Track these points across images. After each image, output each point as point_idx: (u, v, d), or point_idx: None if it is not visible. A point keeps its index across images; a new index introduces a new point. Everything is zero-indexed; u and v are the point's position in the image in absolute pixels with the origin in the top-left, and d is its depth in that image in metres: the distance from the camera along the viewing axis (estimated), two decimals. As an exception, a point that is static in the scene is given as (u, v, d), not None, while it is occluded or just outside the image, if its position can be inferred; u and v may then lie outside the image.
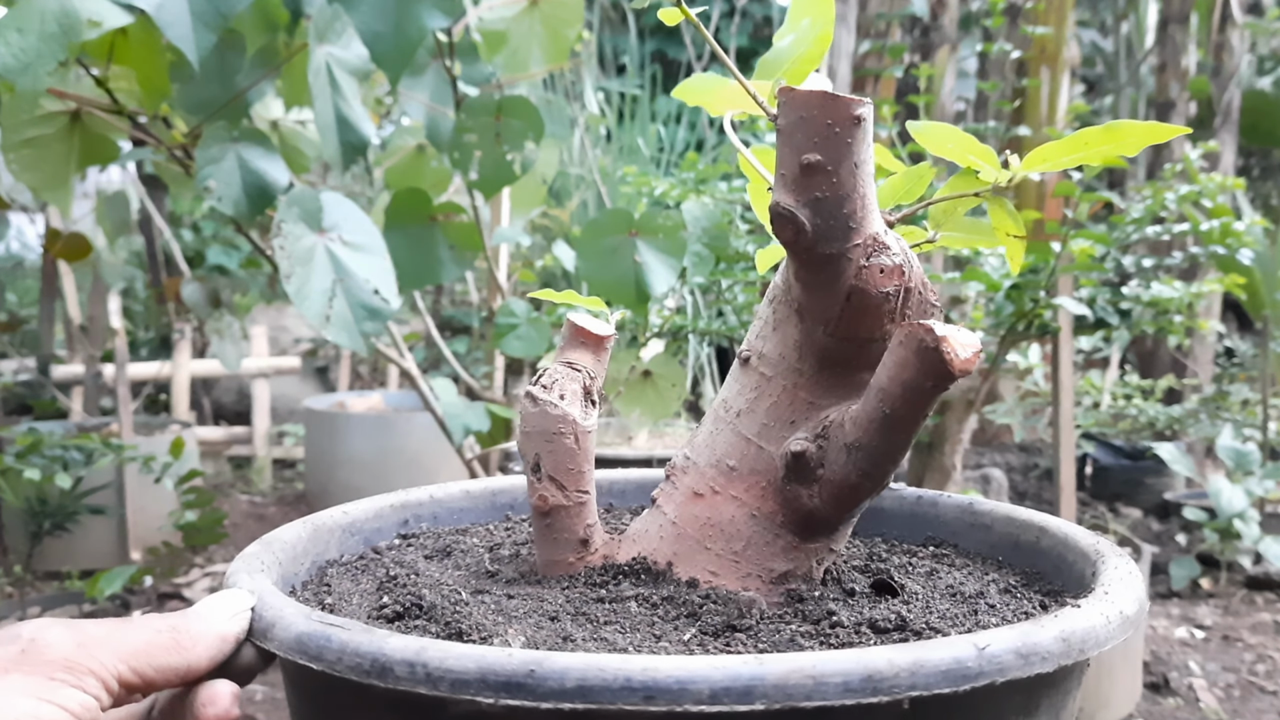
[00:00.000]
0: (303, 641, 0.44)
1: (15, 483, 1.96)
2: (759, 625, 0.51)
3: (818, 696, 0.38)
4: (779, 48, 0.58)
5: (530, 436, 0.59)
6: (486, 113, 1.51)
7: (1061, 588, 0.57)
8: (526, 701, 0.39)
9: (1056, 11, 3.68)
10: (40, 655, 0.43)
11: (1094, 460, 3.44)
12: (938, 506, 0.68)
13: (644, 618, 0.52)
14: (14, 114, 1.32)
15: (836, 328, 0.53)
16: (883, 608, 0.53)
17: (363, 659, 0.42)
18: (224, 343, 2.82)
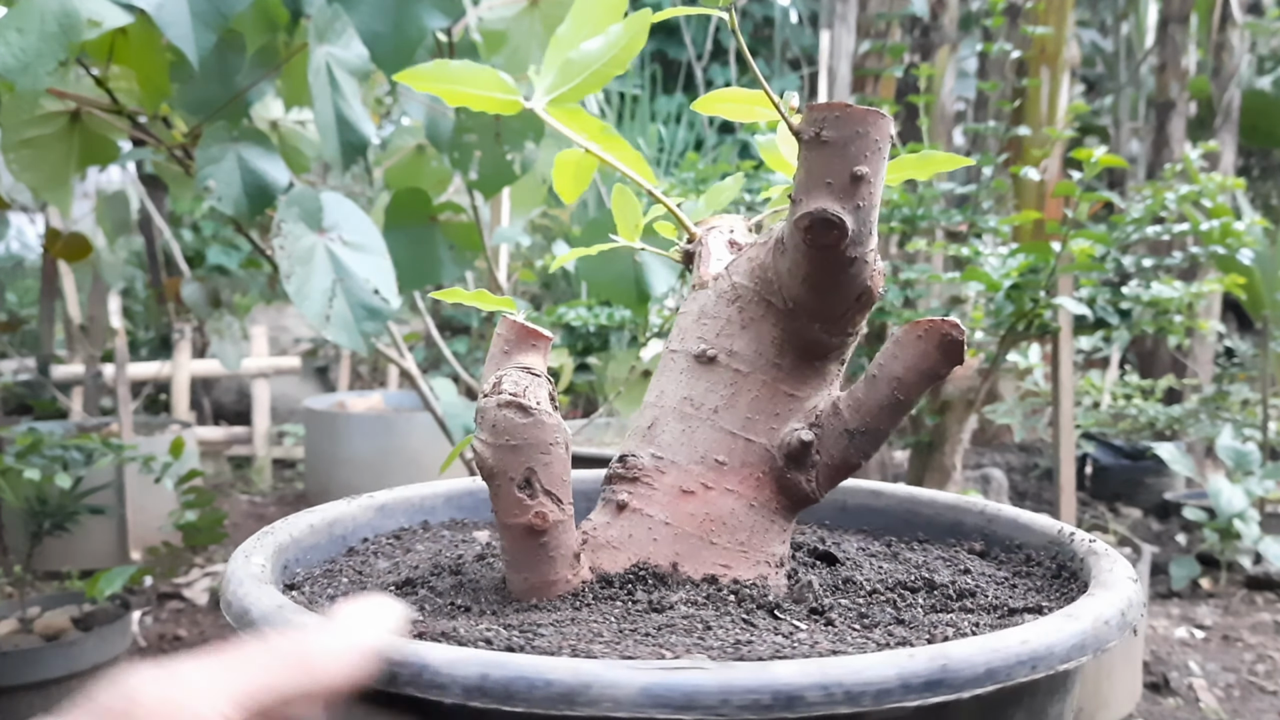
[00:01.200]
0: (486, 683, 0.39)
1: (15, 483, 1.96)
2: (821, 608, 0.56)
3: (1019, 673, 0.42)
4: (588, 50, 0.63)
5: (520, 450, 0.55)
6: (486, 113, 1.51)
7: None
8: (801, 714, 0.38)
9: (1056, 11, 3.68)
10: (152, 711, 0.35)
11: (1094, 460, 3.44)
12: (842, 492, 0.76)
13: (719, 620, 0.51)
14: (14, 114, 1.32)
15: (836, 325, 0.57)
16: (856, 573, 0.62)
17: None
18: (224, 343, 2.82)
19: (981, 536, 0.70)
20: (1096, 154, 1.52)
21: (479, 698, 0.39)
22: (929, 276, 1.78)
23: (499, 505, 0.56)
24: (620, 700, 0.38)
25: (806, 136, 0.54)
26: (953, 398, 1.79)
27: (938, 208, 1.84)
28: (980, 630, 0.51)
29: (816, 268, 0.56)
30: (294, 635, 0.41)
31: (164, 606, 2.51)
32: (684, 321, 0.62)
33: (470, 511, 0.78)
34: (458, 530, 0.74)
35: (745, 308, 0.59)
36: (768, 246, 0.59)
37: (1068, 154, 2.12)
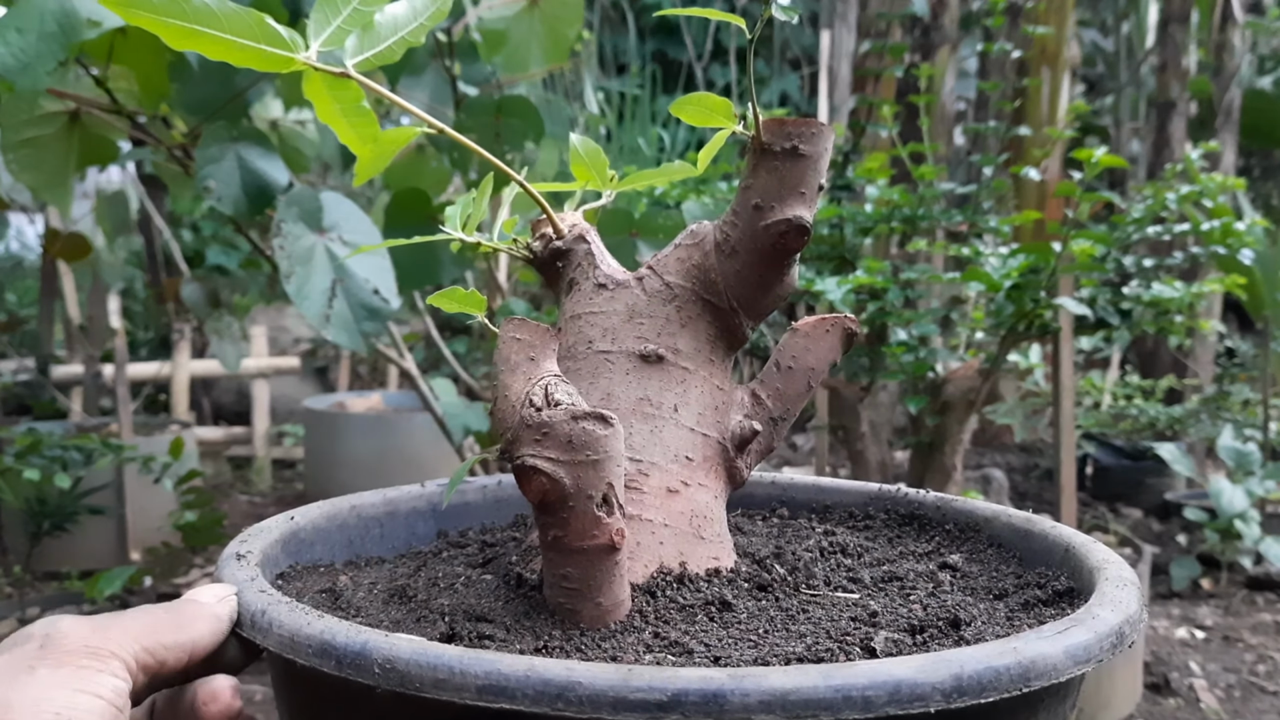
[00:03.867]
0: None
1: (15, 483, 1.95)
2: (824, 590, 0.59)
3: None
4: (395, 14, 0.56)
5: (601, 464, 0.51)
6: (486, 112, 1.51)
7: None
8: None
9: (1057, 11, 3.68)
10: (60, 645, 0.43)
11: (1095, 460, 3.44)
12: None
13: (781, 609, 0.55)
14: (14, 114, 1.32)
15: (760, 320, 0.62)
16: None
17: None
18: (224, 343, 2.82)
19: (781, 503, 0.78)
20: (1097, 154, 1.52)
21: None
22: (929, 277, 1.78)
23: (572, 528, 0.51)
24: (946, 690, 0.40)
25: (779, 149, 0.58)
26: (953, 398, 1.79)
27: (938, 208, 1.84)
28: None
29: (772, 269, 0.60)
30: (168, 604, 0.49)
31: (164, 607, 2.51)
32: (608, 321, 0.61)
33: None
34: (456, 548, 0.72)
35: (683, 307, 0.61)
36: (703, 249, 0.61)
37: (1068, 154, 2.12)
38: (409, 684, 0.41)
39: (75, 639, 0.43)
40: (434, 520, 0.72)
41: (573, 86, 4.23)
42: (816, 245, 1.83)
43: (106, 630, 0.44)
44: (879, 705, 0.39)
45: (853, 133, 2.13)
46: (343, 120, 0.56)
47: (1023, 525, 0.69)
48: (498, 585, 0.58)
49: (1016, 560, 0.68)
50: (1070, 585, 0.61)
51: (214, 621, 0.48)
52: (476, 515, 0.73)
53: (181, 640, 0.47)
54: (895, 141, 1.88)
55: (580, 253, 0.64)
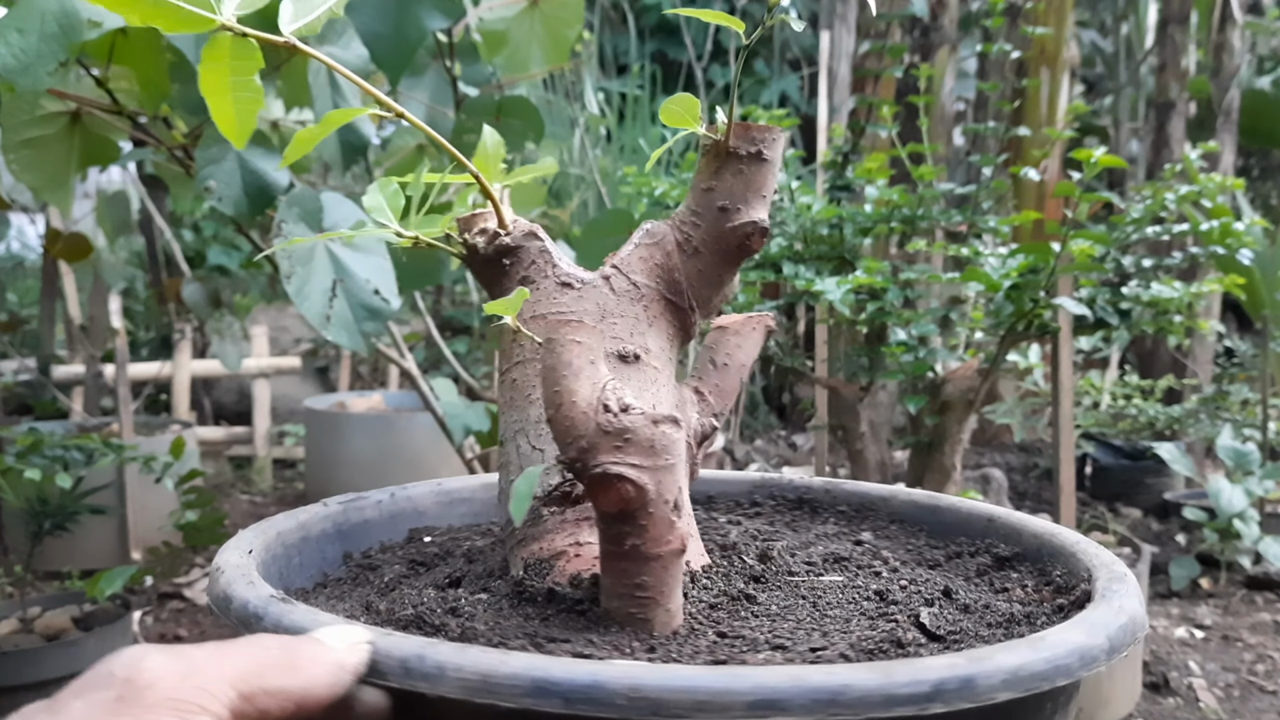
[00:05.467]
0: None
1: (16, 483, 1.96)
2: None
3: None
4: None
5: (674, 469, 0.50)
6: (487, 113, 1.51)
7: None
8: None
9: (1056, 12, 3.68)
10: (141, 699, 0.36)
11: (1094, 460, 3.44)
12: None
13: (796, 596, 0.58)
14: (14, 114, 1.32)
15: (709, 317, 0.65)
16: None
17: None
18: (224, 343, 2.82)
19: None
20: (1096, 154, 1.52)
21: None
22: (929, 277, 1.78)
23: (650, 535, 0.50)
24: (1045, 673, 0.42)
25: (745, 152, 0.60)
26: (953, 398, 1.79)
27: (938, 208, 1.84)
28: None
29: (730, 269, 0.63)
30: (285, 639, 0.42)
31: (164, 606, 2.51)
32: (581, 321, 0.61)
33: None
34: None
35: (649, 306, 0.62)
36: (664, 249, 0.62)
37: (1067, 154, 2.12)
38: (662, 710, 0.37)
39: (161, 689, 0.37)
40: (340, 543, 0.67)
41: (573, 87, 4.23)
42: (816, 245, 1.84)
43: (199, 674, 0.38)
44: (1024, 684, 0.41)
45: (852, 133, 2.13)
46: (228, 94, 0.55)
47: (927, 501, 0.74)
48: (519, 603, 0.54)
49: (925, 533, 0.72)
50: (1015, 551, 0.66)
51: (335, 671, 0.41)
52: (375, 533, 0.69)
53: (290, 687, 0.40)
54: (895, 142, 1.88)
55: (533, 250, 0.63)
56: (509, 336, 0.61)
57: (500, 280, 0.63)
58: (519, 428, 0.61)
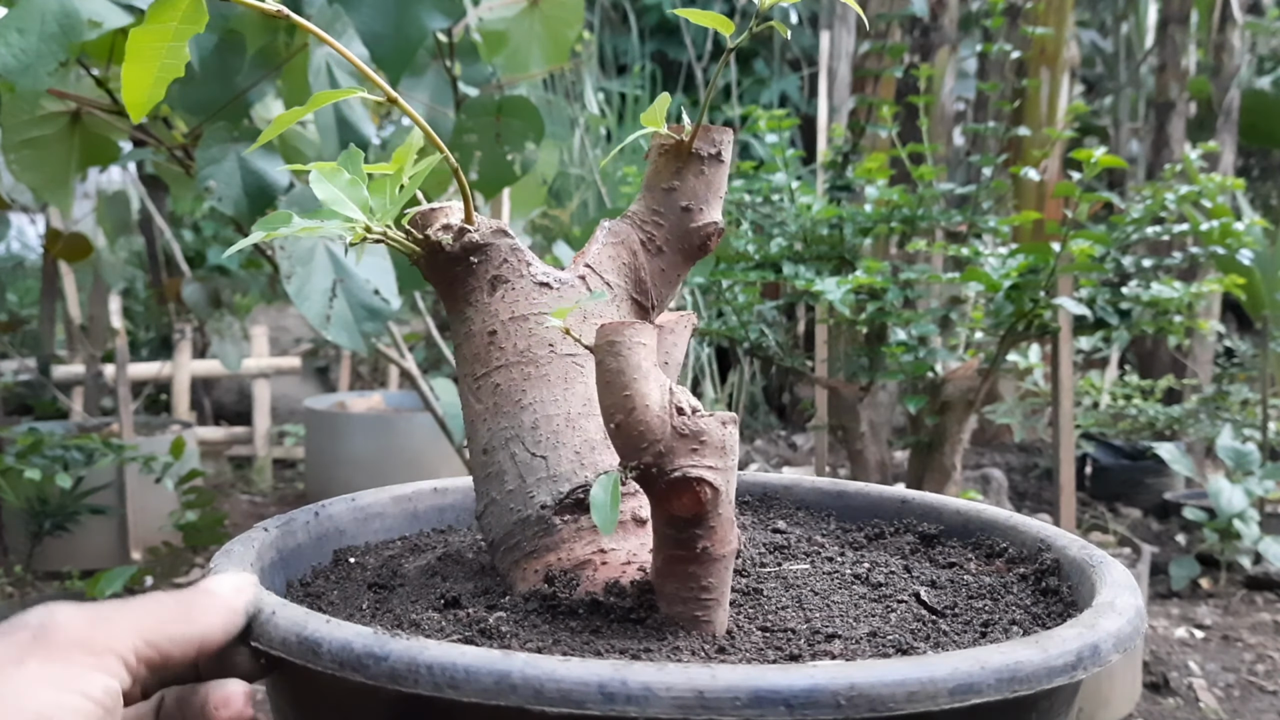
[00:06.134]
0: None
1: (16, 483, 1.96)
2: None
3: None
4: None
5: (733, 469, 0.50)
6: (487, 113, 1.51)
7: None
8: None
9: (1056, 12, 3.68)
10: (53, 639, 0.40)
11: (1094, 460, 3.44)
12: None
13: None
14: (14, 114, 1.32)
15: (658, 315, 0.65)
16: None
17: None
18: (224, 343, 2.83)
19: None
20: (1096, 154, 1.53)
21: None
22: (929, 277, 1.78)
23: (717, 536, 0.50)
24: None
25: (707, 154, 0.60)
26: (952, 398, 1.80)
27: (938, 208, 1.84)
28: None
29: (688, 268, 0.63)
30: (180, 593, 0.46)
31: (164, 606, 2.51)
32: (544, 321, 0.60)
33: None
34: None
35: (620, 306, 0.62)
36: (630, 248, 0.61)
37: (1067, 154, 2.12)
38: (879, 706, 0.39)
39: (71, 631, 0.40)
40: (283, 570, 0.62)
41: (573, 87, 4.23)
42: (816, 245, 1.84)
43: (106, 622, 0.42)
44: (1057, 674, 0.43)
45: (852, 133, 2.13)
46: (156, 61, 0.53)
47: (832, 487, 0.76)
48: (555, 616, 0.52)
49: (835, 518, 0.74)
50: (940, 528, 0.69)
51: (227, 614, 0.45)
52: (307, 557, 0.65)
53: (190, 633, 0.44)
54: (895, 142, 1.88)
55: (503, 248, 0.60)
56: (484, 340, 0.59)
57: (465, 280, 0.60)
58: (510, 435, 0.58)
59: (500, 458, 0.58)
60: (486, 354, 0.59)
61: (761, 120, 1.82)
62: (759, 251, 1.85)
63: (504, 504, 0.58)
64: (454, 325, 0.61)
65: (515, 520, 0.57)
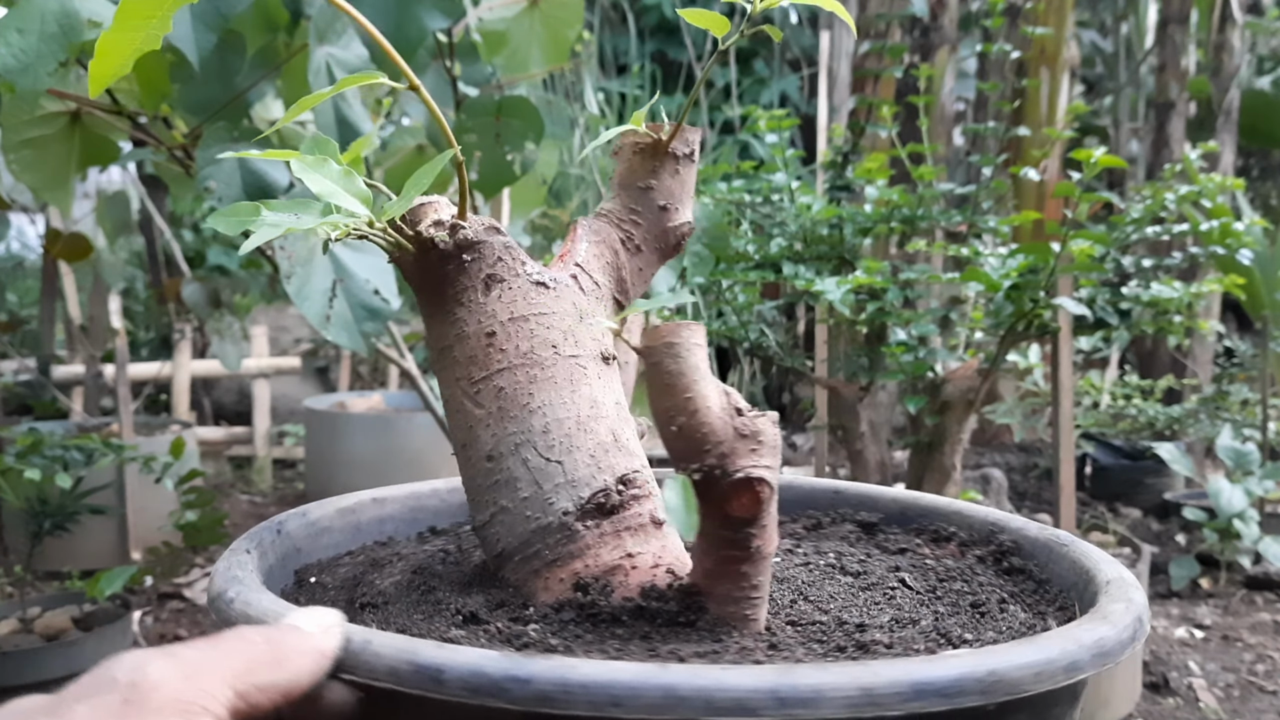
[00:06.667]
0: None
1: (15, 483, 1.96)
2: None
3: None
4: None
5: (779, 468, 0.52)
6: (486, 113, 1.51)
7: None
8: None
9: (1056, 12, 3.68)
10: (147, 702, 0.36)
11: (1094, 460, 3.44)
12: None
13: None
14: (14, 114, 1.32)
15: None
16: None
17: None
18: (224, 343, 2.82)
19: None
20: (1096, 154, 1.52)
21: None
22: (929, 277, 1.78)
23: (768, 534, 0.50)
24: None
25: (681, 154, 0.61)
26: (952, 398, 1.79)
27: (937, 208, 1.84)
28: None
29: (659, 267, 0.64)
30: (266, 631, 0.43)
31: (164, 607, 2.51)
32: (562, 323, 0.58)
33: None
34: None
35: (606, 305, 0.62)
36: (612, 247, 0.61)
37: (1067, 154, 2.12)
38: (1015, 688, 0.41)
39: (165, 692, 0.37)
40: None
41: (573, 87, 4.23)
42: (816, 245, 1.84)
43: (199, 676, 0.38)
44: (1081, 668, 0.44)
45: (852, 133, 2.13)
46: (144, 29, 0.52)
47: (828, 489, 0.77)
48: (598, 624, 0.52)
49: None
50: (879, 516, 0.71)
51: (317, 658, 0.42)
52: (277, 579, 0.62)
53: (279, 680, 0.40)
54: (894, 142, 1.88)
55: (496, 245, 0.58)
56: (481, 341, 0.56)
57: (456, 279, 0.57)
58: (521, 440, 0.56)
59: (510, 464, 0.56)
60: (485, 356, 0.57)
61: (761, 120, 1.82)
62: (759, 251, 1.85)
63: (518, 512, 0.56)
64: (439, 327, 0.58)
65: (534, 528, 0.55)
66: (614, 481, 0.56)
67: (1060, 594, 0.59)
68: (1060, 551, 0.61)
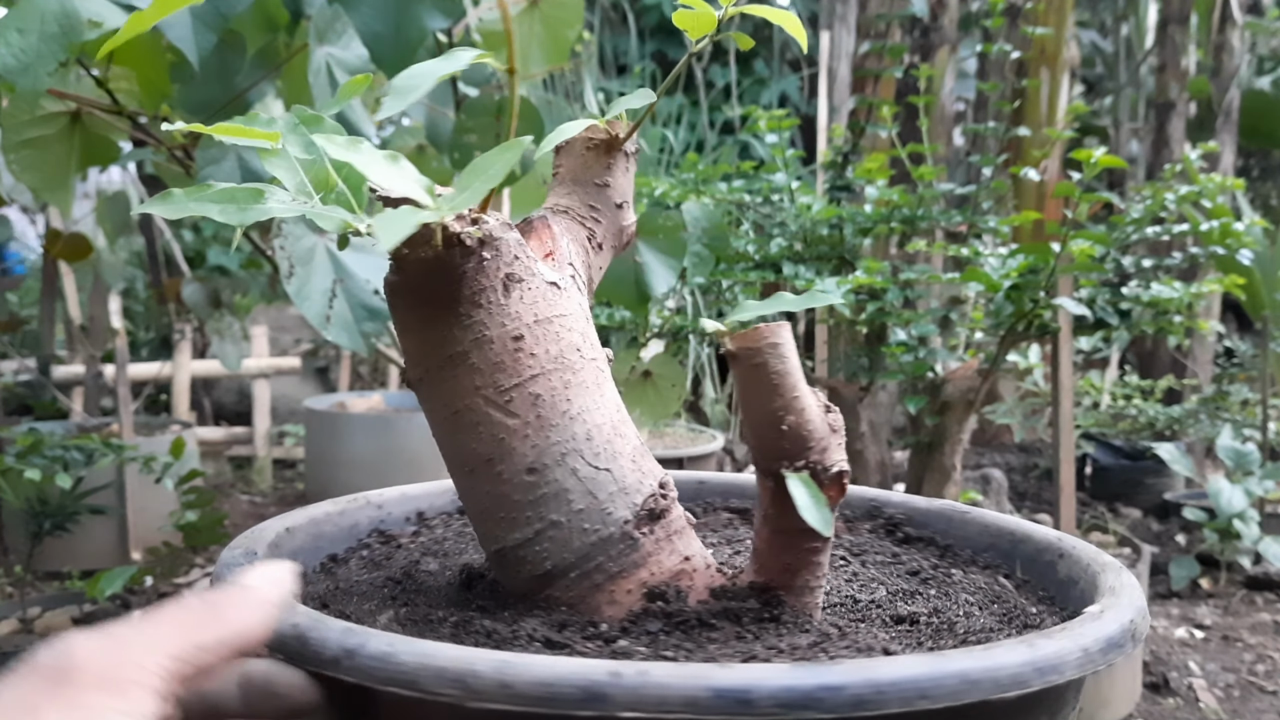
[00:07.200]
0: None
1: (16, 483, 1.96)
2: None
3: None
4: None
5: None
6: (487, 113, 1.51)
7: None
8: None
9: (1056, 12, 3.68)
10: (72, 680, 0.35)
11: (1094, 460, 3.44)
12: None
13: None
14: (14, 114, 1.32)
15: None
16: None
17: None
18: (224, 343, 2.82)
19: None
20: (1096, 155, 1.53)
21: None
22: (929, 277, 1.78)
23: (835, 524, 0.54)
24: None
25: (629, 151, 0.62)
26: (952, 398, 1.80)
27: (937, 208, 1.84)
28: None
29: (607, 266, 0.64)
30: (206, 594, 0.42)
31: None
32: (577, 325, 0.56)
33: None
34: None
35: (588, 303, 0.62)
36: (584, 246, 0.61)
37: (1067, 154, 2.12)
38: (1107, 657, 0.44)
39: (88, 669, 0.36)
40: None
41: (573, 87, 4.23)
42: (816, 245, 1.84)
43: (125, 649, 0.37)
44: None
45: (852, 133, 2.13)
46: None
47: (692, 480, 0.81)
48: (690, 630, 0.51)
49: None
50: (750, 503, 0.75)
51: (262, 609, 0.41)
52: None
53: (222, 635, 0.39)
54: (895, 142, 1.88)
55: (512, 243, 0.54)
56: (508, 346, 0.53)
57: (475, 279, 0.53)
58: (567, 449, 0.53)
59: (557, 475, 0.53)
60: (515, 361, 0.53)
61: (761, 120, 1.82)
62: (759, 251, 1.85)
63: (573, 525, 0.53)
64: (443, 332, 0.53)
65: (593, 541, 0.53)
66: (656, 485, 0.55)
67: (974, 556, 0.66)
68: (959, 518, 0.67)
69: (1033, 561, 0.62)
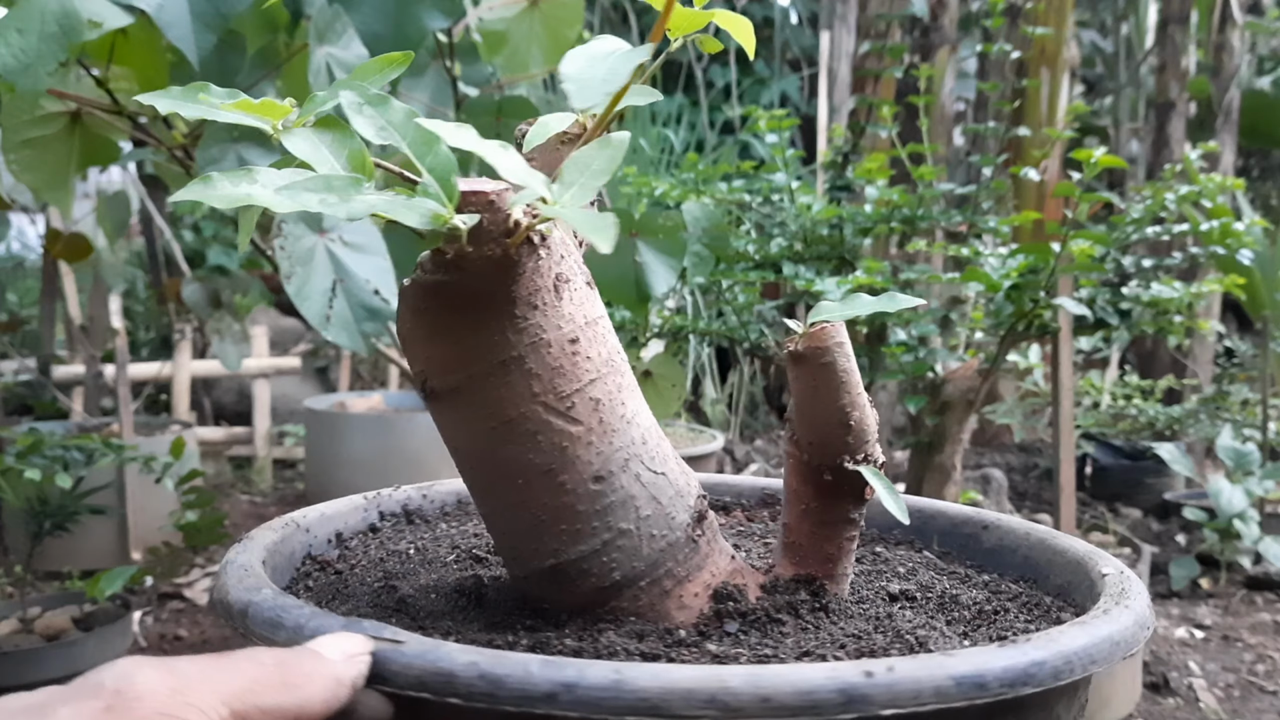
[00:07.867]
0: None
1: (16, 483, 1.96)
2: None
3: None
4: None
5: None
6: (487, 113, 1.51)
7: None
8: None
9: (1056, 12, 3.68)
10: (130, 710, 0.35)
11: (1094, 460, 3.44)
12: None
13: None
14: (14, 114, 1.32)
15: None
16: None
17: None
18: (224, 343, 2.83)
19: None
20: (1096, 154, 1.53)
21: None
22: (929, 277, 1.79)
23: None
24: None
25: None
26: (953, 398, 1.80)
27: (938, 208, 1.84)
28: None
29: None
30: (280, 653, 0.41)
31: (164, 607, 2.51)
32: (609, 325, 0.55)
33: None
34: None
35: None
36: (576, 244, 0.60)
37: (1067, 154, 2.12)
38: (1127, 649, 0.47)
39: (151, 702, 0.35)
40: None
41: (573, 87, 4.22)
42: (816, 245, 1.84)
43: (191, 690, 0.36)
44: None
45: (852, 133, 2.13)
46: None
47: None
48: (765, 629, 0.51)
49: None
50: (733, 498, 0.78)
51: (332, 685, 0.39)
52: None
53: (285, 704, 0.38)
54: (895, 142, 1.88)
55: (559, 239, 0.51)
56: (565, 349, 0.50)
57: (531, 279, 0.49)
58: (629, 454, 0.51)
59: (623, 481, 0.51)
60: (573, 366, 0.50)
61: (762, 120, 1.82)
62: (759, 251, 1.86)
63: (643, 533, 0.51)
64: (490, 338, 0.48)
65: (662, 547, 0.52)
66: (699, 486, 0.55)
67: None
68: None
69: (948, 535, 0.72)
